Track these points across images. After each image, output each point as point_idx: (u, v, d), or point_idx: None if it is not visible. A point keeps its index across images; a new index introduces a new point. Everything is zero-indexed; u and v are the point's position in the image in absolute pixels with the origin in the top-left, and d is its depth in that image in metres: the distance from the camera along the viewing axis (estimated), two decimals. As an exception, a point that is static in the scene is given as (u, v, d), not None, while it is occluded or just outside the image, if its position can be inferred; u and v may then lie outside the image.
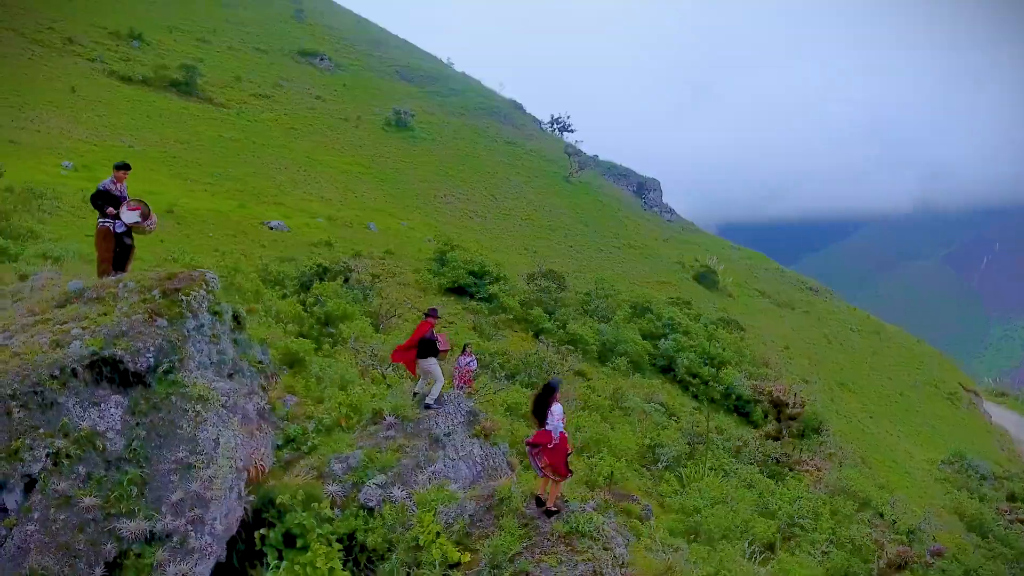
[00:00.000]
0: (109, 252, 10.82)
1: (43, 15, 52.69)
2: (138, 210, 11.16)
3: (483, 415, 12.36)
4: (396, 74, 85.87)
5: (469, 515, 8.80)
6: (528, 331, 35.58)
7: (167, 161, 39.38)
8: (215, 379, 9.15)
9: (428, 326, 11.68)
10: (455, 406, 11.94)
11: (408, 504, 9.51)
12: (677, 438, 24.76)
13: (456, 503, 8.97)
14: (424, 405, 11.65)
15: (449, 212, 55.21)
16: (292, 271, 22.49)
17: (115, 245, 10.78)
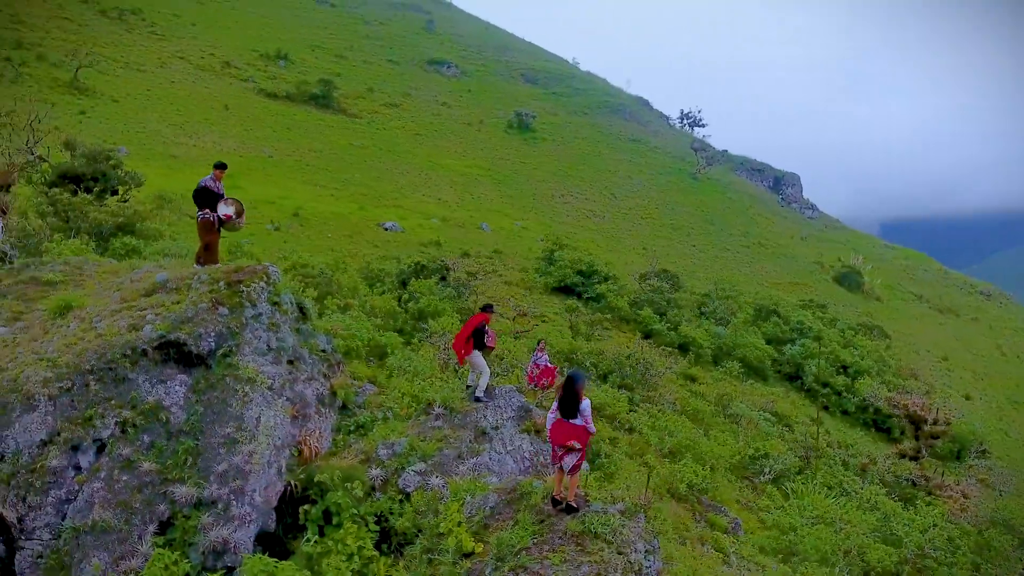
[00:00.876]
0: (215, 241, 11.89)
1: (206, 43, 59.46)
2: (233, 207, 12.18)
3: (536, 411, 12.26)
4: (520, 77, 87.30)
5: (490, 507, 8.80)
6: (636, 332, 34.72)
7: (300, 168, 42.91)
8: (265, 364, 9.88)
9: (482, 319, 11.79)
10: (505, 400, 11.95)
11: (443, 492, 9.69)
12: (786, 450, 23.00)
13: (482, 495, 9.01)
14: (474, 398, 11.79)
15: (566, 212, 55.20)
16: (392, 269, 23.64)
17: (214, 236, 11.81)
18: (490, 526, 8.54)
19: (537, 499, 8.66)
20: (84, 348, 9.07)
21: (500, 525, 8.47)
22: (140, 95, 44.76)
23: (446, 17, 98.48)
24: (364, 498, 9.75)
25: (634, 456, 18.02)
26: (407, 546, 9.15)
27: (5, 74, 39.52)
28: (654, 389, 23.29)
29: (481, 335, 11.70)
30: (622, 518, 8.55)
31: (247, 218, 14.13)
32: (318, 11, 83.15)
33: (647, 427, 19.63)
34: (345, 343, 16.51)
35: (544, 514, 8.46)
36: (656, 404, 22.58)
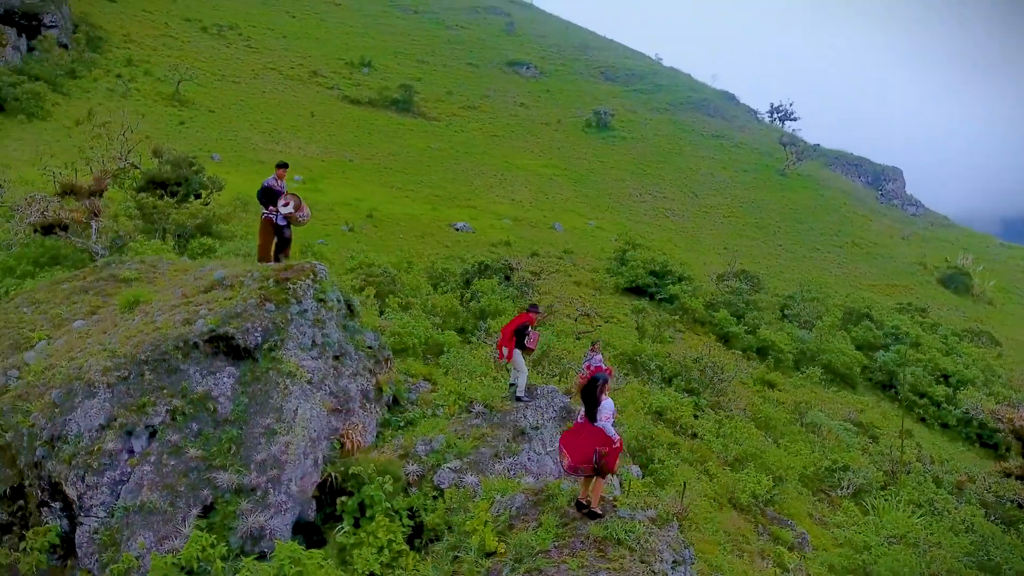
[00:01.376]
0: (269, 240, 12.40)
1: (296, 54, 62.52)
2: (290, 203, 12.61)
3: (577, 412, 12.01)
4: (600, 75, 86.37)
5: (517, 507, 8.68)
6: (710, 335, 33.54)
7: (378, 171, 44.30)
8: (307, 358, 10.20)
9: (526, 319, 11.68)
10: (547, 400, 11.78)
11: (476, 490, 9.67)
12: (868, 463, 21.50)
13: (511, 494, 8.91)
14: (515, 397, 11.70)
15: (643, 211, 54.11)
16: (456, 268, 23.94)
17: (275, 235, 12.32)
18: (515, 526, 8.44)
19: (563, 501, 8.48)
20: (142, 340, 9.70)
21: (524, 526, 8.35)
22: (234, 105, 47.65)
23: (527, 18, 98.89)
24: (397, 493, 9.89)
25: (695, 463, 17.38)
26: (436, 542, 9.20)
27: (116, 89, 43.13)
28: (723, 394, 22.36)
29: (523, 335, 11.59)
30: (651, 525, 8.23)
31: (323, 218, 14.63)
32: (401, 18, 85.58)
33: (711, 433, 18.88)
34: (401, 340, 16.86)
35: (568, 517, 8.26)
36: (724, 410, 21.68)
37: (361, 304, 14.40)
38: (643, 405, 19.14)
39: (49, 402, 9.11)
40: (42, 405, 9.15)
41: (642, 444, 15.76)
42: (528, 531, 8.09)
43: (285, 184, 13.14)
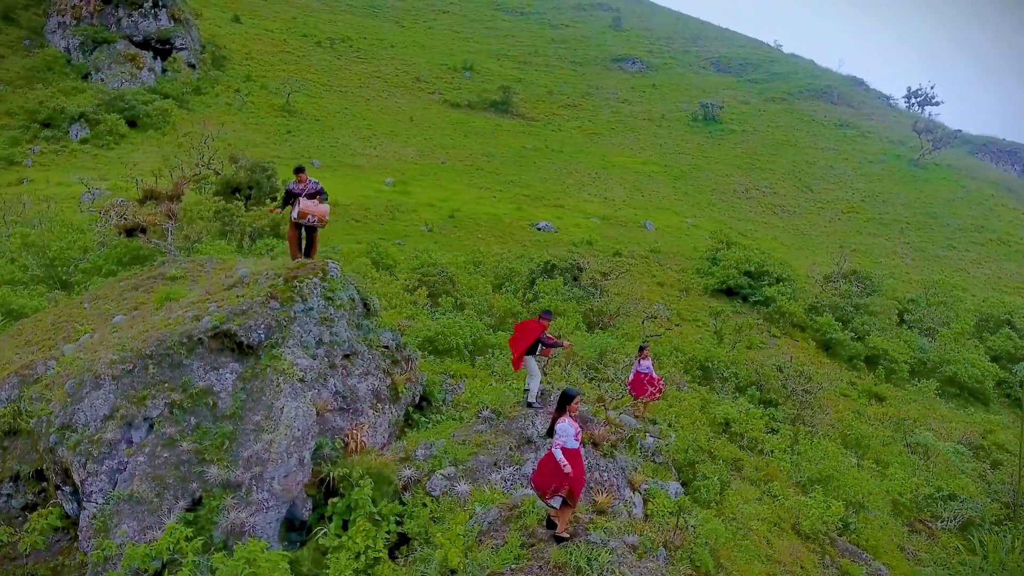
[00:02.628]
0: (295, 240, 12.55)
1: (401, 61, 64.80)
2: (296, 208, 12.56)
3: (597, 421, 11.15)
4: (711, 66, 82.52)
5: (489, 522, 8.07)
6: (811, 341, 30.76)
7: (469, 172, 44.77)
8: (303, 356, 10.18)
9: (538, 330, 10.89)
10: (560, 407, 11.04)
11: (465, 500, 9.18)
12: (980, 492, 18.60)
13: (486, 508, 8.32)
14: (526, 403, 11.06)
15: (749, 208, 50.85)
16: (523, 268, 23.48)
17: (300, 235, 12.47)
18: (483, 542, 7.87)
19: (533, 520, 7.79)
20: (152, 335, 10.10)
21: (491, 542, 7.75)
22: (338, 113, 50.11)
23: (635, 12, 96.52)
24: (388, 497, 9.62)
25: (759, 483, 15.77)
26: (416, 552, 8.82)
27: (234, 103, 46.73)
28: (808, 407, 20.24)
29: (536, 344, 10.90)
30: (628, 554, 7.35)
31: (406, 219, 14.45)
32: (506, 20, 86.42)
33: (781, 450, 17.10)
34: (445, 340, 16.66)
35: (536, 537, 7.57)
36: (807, 425, 19.61)
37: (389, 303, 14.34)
38: (704, 416, 17.69)
39: (64, 392, 9.70)
40: (60, 394, 9.77)
41: (690, 458, 14.48)
42: (491, 549, 7.49)
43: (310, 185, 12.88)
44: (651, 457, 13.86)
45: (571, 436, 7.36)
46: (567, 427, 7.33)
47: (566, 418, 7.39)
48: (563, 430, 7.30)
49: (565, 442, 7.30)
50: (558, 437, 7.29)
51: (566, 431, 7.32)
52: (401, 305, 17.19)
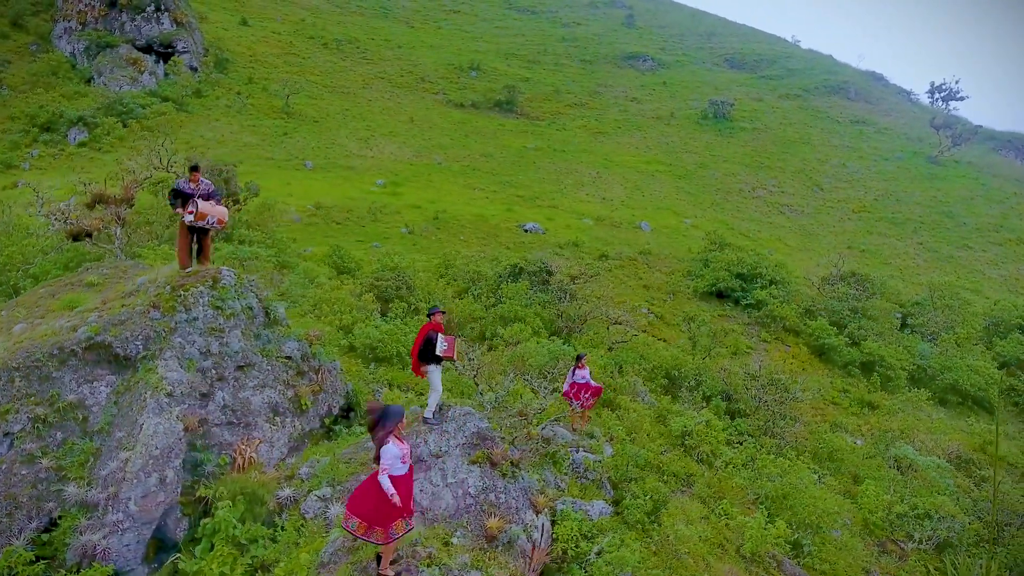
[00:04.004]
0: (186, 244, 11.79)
1: (407, 62, 64.61)
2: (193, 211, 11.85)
3: (497, 439, 10.51)
4: (724, 63, 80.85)
5: (331, 553, 7.53)
6: (803, 346, 29.61)
7: (465, 173, 44.27)
8: (176, 369, 9.74)
9: (430, 327, 10.41)
10: (458, 424, 10.42)
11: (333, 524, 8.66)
12: (961, 511, 17.48)
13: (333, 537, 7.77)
14: (423, 419, 10.48)
15: (754, 207, 49.49)
16: (489, 271, 22.89)
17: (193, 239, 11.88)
18: (320, 573, 7.33)
19: (369, 552, 7.22)
20: (22, 346, 9.77)
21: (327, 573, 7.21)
22: (338, 114, 50.04)
23: (648, 9, 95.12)
24: (259, 519, 9.14)
25: (708, 500, 14.97)
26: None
27: (233, 105, 46.94)
28: (780, 418, 19.29)
29: (432, 345, 10.34)
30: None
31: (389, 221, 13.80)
32: (517, 20, 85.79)
33: (738, 465, 16.25)
34: (386, 348, 16.18)
35: (368, 573, 7.00)
36: (776, 437, 18.68)
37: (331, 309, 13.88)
38: (660, 428, 16.93)
39: (-68, 405, 9.42)
40: (-70, 407, 9.49)
41: (627, 475, 13.76)
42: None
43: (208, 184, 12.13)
44: (583, 474, 13.20)
45: (398, 460, 6.78)
46: (393, 450, 6.75)
47: (391, 439, 6.80)
48: (388, 453, 6.71)
49: (391, 467, 6.73)
50: (384, 461, 6.71)
51: (392, 454, 6.74)
52: (343, 311, 16.74)
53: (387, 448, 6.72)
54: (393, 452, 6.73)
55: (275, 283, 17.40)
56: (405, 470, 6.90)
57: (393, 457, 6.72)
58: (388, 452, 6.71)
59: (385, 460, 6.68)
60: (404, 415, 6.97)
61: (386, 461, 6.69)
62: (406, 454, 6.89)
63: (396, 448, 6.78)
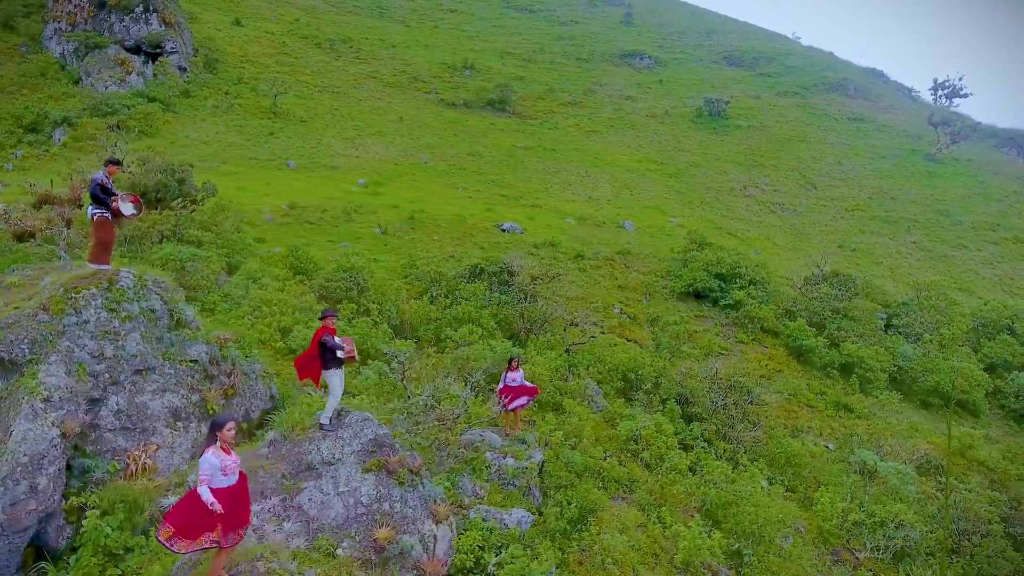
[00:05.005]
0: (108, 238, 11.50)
1: (401, 61, 64.45)
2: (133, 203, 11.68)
3: (397, 446, 10.21)
4: (723, 60, 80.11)
5: (179, 566, 7.28)
6: (781, 348, 29.09)
7: (450, 172, 44.00)
8: (59, 374, 9.52)
9: (323, 331, 10.14)
10: (355, 431, 10.13)
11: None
12: (921, 521, 16.98)
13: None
14: (319, 424, 10.21)
15: (745, 206, 48.87)
16: (449, 272, 22.59)
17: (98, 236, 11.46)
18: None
19: (205, 568, 6.94)
20: (-96, 350, 9.58)
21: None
22: (326, 114, 49.92)
23: (647, 7, 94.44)
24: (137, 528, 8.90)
25: (648, 508, 14.62)
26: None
27: (221, 105, 46.95)
28: (740, 422, 18.84)
29: (329, 349, 10.05)
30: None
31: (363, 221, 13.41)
32: (515, 18, 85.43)
33: (682, 471, 15.86)
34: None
35: (206, 588, 6.74)
36: (730, 442, 18.24)
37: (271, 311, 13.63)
38: (608, 432, 16.58)
39: None
40: None
41: (557, 482, 13.44)
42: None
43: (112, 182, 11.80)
44: (509, 481, 12.88)
45: (218, 470, 6.51)
46: (211, 460, 6.48)
47: (211, 449, 6.54)
48: (204, 463, 6.46)
49: (209, 478, 6.46)
50: (200, 472, 6.45)
51: (212, 465, 6.47)
52: (284, 313, 16.51)
53: (204, 458, 6.50)
54: (211, 463, 6.49)
55: (219, 284, 17.19)
56: (231, 481, 6.65)
57: (211, 468, 6.48)
58: (204, 462, 6.49)
59: (201, 471, 6.45)
60: (229, 424, 6.72)
61: (202, 472, 6.45)
62: (229, 465, 6.63)
63: (215, 459, 6.53)
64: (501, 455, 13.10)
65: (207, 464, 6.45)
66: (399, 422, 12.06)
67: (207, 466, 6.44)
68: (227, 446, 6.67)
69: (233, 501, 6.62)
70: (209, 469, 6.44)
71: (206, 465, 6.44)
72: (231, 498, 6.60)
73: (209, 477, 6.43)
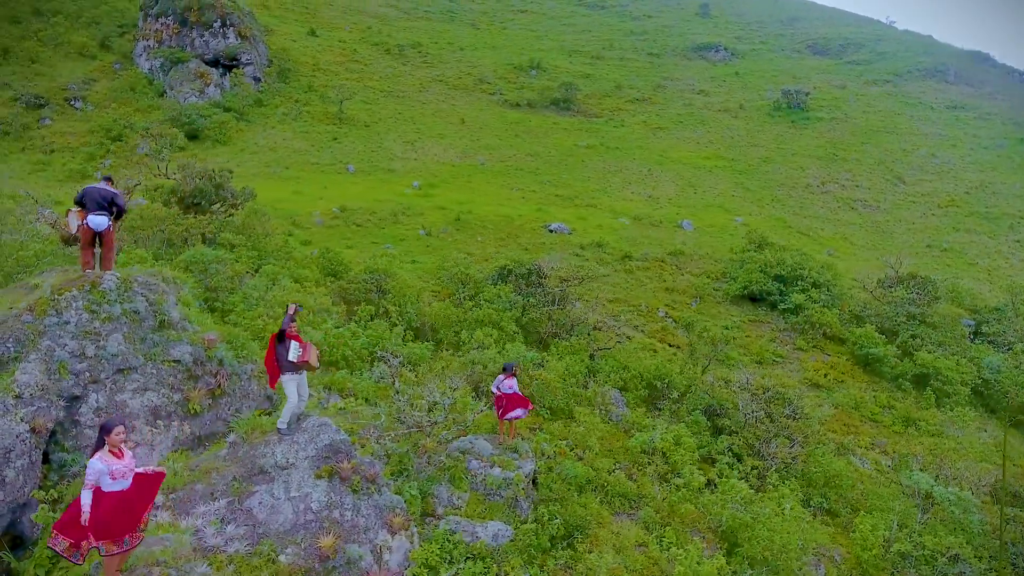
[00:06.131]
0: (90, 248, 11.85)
1: (466, 64, 64.95)
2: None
3: (356, 452, 9.92)
4: (807, 49, 75.70)
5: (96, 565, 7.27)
6: (844, 355, 26.93)
7: (507, 173, 43.77)
8: (30, 372, 9.86)
9: (279, 333, 10.01)
10: (311, 436, 9.92)
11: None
12: (978, 554, 15.06)
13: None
14: (277, 428, 10.09)
15: (821, 203, 45.79)
16: (476, 274, 22.27)
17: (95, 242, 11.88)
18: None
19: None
20: (-97, 347, 10.24)
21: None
22: (389, 119, 50.98)
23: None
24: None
25: (652, 526, 13.72)
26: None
27: (290, 113, 48.91)
28: (775, 436, 17.41)
29: (282, 352, 9.94)
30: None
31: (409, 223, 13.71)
32: (585, 16, 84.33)
33: (698, 487, 14.77)
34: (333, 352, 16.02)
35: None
36: (764, 458, 16.88)
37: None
38: (616, 443, 15.74)
39: None
40: None
41: (549, 493, 12.81)
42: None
43: None
44: (495, 492, 12.39)
45: (105, 475, 6.45)
46: (97, 464, 6.44)
47: (99, 454, 6.50)
48: (93, 469, 6.43)
49: (95, 481, 6.42)
50: (88, 477, 6.42)
51: (97, 470, 6.43)
52: (302, 314, 16.70)
53: (91, 463, 6.48)
54: (96, 468, 6.47)
55: (241, 286, 17.65)
56: (123, 486, 6.59)
57: (96, 472, 6.46)
58: (90, 467, 6.46)
59: (87, 476, 6.42)
60: (118, 429, 6.67)
61: (88, 476, 6.43)
62: (119, 469, 6.57)
63: (101, 464, 6.51)
64: (488, 464, 12.62)
65: (92, 469, 6.44)
66: (371, 428, 11.83)
67: (92, 471, 6.43)
68: (117, 450, 6.63)
69: (126, 506, 6.57)
70: (94, 474, 6.43)
71: (92, 470, 6.44)
72: (123, 503, 6.55)
73: (94, 482, 6.41)
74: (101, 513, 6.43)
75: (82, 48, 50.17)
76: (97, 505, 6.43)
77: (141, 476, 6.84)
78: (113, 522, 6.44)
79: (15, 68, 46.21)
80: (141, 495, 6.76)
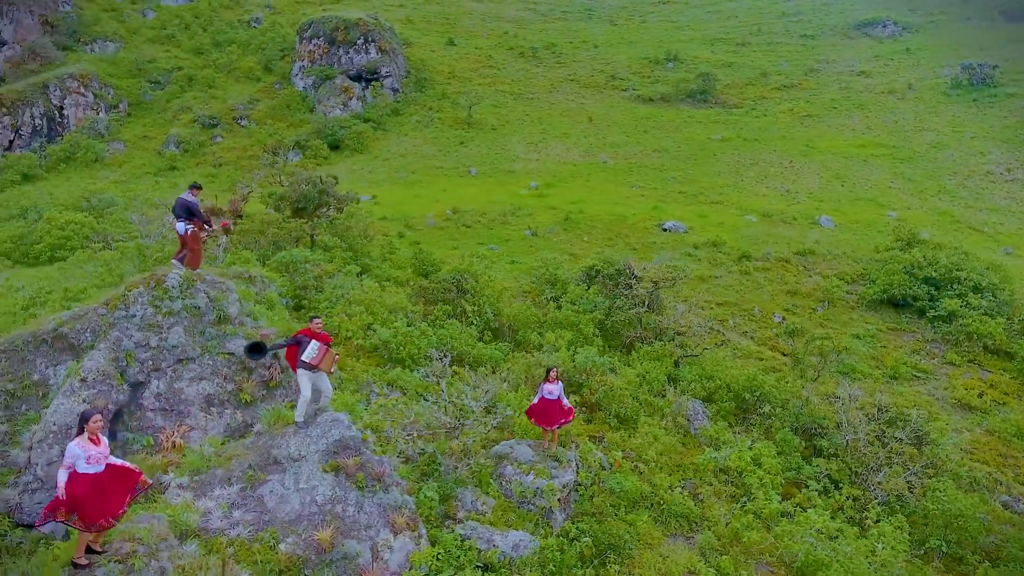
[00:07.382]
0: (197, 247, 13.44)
1: (600, 61, 63.96)
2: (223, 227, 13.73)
3: (361, 449, 9.88)
4: (1001, 16, 65.36)
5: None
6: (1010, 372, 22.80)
7: (630, 170, 42.39)
8: (99, 359, 11.04)
9: (301, 332, 10.33)
10: (324, 430, 10.05)
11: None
12: None
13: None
14: (295, 420, 10.37)
15: (1004, 193, 39.25)
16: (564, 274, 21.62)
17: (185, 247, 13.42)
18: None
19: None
20: (10, 333, 11.99)
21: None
22: (516, 120, 51.61)
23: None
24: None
25: (709, 554, 12.49)
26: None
27: (423, 120, 51.27)
28: (888, 464, 15.05)
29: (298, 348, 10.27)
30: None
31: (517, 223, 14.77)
32: (731, 2, 79.48)
33: (771, 515, 13.15)
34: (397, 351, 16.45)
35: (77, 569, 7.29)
36: (868, 488, 14.64)
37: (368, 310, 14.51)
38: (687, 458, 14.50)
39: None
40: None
41: (589, 507, 12.09)
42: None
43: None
44: (529, 501, 11.95)
45: (81, 458, 7.00)
46: (74, 449, 7.01)
47: (77, 440, 7.07)
48: (70, 452, 7.01)
49: (74, 464, 6.99)
50: (66, 459, 7.01)
51: (74, 454, 7.00)
52: (375, 312, 17.33)
53: (69, 447, 7.06)
54: (74, 452, 7.04)
55: (324, 284, 18.66)
56: (96, 469, 7.11)
57: (73, 456, 7.02)
58: (68, 450, 7.04)
59: (65, 458, 7.01)
60: (95, 417, 7.23)
61: (65, 459, 7.00)
62: (94, 455, 7.10)
63: (78, 449, 7.06)
64: (523, 471, 12.17)
65: (70, 453, 7.06)
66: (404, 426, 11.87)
67: (70, 454, 7.05)
68: (95, 437, 7.17)
69: (98, 489, 7.09)
70: (71, 457, 7.03)
71: (69, 453, 7.05)
72: (95, 485, 7.08)
73: (71, 464, 7.00)
74: (76, 491, 7.00)
75: (249, 72, 56.32)
76: (73, 485, 7.02)
77: (113, 465, 7.38)
78: (86, 501, 6.99)
79: (196, 93, 53.01)
80: (113, 483, 7.27)
